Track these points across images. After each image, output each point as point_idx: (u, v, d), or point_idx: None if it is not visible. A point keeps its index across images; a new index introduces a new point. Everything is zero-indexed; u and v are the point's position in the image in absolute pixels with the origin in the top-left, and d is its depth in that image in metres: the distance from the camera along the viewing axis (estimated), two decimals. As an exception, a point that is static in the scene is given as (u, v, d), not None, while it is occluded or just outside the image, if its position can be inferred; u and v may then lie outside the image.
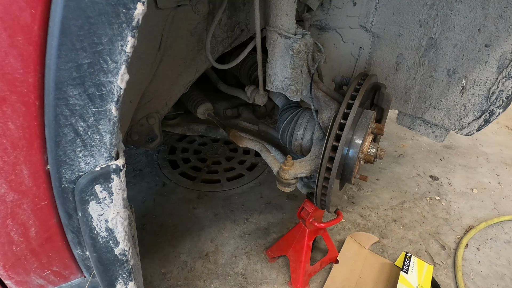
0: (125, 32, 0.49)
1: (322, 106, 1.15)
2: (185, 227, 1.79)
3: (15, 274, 0.71)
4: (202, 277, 1.55)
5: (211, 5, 1.04)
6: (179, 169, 2.17)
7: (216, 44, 1.14)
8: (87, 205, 0.62)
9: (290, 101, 1.30)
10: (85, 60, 0.49)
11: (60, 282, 0.80)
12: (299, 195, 1.98)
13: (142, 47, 0.83)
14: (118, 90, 0.54)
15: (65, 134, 0.55)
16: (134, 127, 1.17)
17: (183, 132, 1.54)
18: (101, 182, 0.61)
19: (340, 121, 1.04)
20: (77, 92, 0.51)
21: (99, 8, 0.46)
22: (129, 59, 0.52)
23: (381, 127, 1.18)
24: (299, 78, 1.12)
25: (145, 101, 1.13)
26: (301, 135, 1.22)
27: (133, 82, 0.61)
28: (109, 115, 0.56)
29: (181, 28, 1.03)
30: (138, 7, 0.47)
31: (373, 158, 1.12)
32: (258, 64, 1.16)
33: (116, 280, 0.75)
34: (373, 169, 2.18)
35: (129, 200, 0.72)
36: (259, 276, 1.55)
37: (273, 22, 1.03)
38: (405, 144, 2.48)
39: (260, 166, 2.19)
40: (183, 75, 1.14)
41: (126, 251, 0.72)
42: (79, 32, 0.47)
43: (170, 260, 1.61)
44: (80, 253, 0.74)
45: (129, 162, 2.23)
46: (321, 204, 1.18)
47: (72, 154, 0.57)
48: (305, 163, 1.18)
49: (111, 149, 0.60)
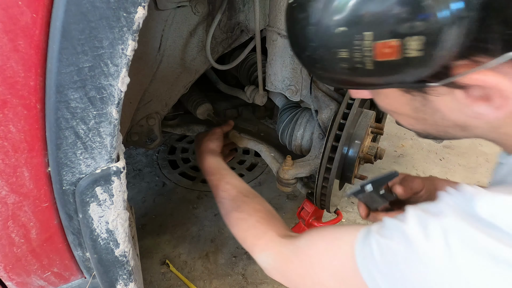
0: (126, 35, 0.49)
1: (322, 106, 1.15)
2: (185, 227, 1.79)
3: (16, 276, 0.71)
4: (202, 277, 1.55)
5: (210, 6, 1.04)
6: (179, 169, 2.17)
7: (216, 45, 1.14)
8: (88, 207, 0.63)
9: (289, 101, 1.30)
10: (86, 64, 0.49)
11: (60, 283, 0.80)
12: (299, 195, 1.98)
13: (141, 48, 0.84)
14: (119, 93, 0.54)
15: (66, 136, 0.55)
16: (134, 127, 1.17)
17: (183, 132, 1.53)
18: (102, 184, 0.62)
19: (340, 121, 1.04)
20: (78, 95, 0.52)
21: (100, 12, 0.46)
22: (129, 62, 0.52)
23: (381, 127, 1.18)
24: (299, 78, 1.12)
25: (145, 102, 1.13)
26: (301, 135, 1.23)
27: (133, 83, 0.61)
28: (110, 117, 0.56)
29: (180, 29, 1.03)
30: (139, 11, 0.48)
31: (373, 158, 1.12)
32: (258, 64, 1.17)
33: (116, 281, 0.75)
34: (373, 169, 2.18)
35: (129, 200, 0.72)
36: (259, 276, 1.55)
37: (273, 22, 1.03)
38: (405, 144, 2.48)
39: (260, 166, 2.19)
40: (182, 75, 1.14)
41: (126, 252, 0.73)
42: (80, 36, 0.47)
43: (170, 260, 1.61)
44: (81, 255, 0.75)
45: (129, 162, 2.23)
46: (321, 204, 1.18)
47: (73, 156, 0.58)
48: (304, 163, 1.18)
49: (112, 151, 0.60)
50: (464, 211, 0.44)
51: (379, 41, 0.40)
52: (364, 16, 0.40)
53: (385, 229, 0.52)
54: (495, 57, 0.40)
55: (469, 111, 0.48)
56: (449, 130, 0.56)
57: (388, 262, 0.49)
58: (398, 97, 0.53)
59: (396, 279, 0.48)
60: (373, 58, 0.42)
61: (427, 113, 0.53)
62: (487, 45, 0.40)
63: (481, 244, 0.41)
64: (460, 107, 0.48)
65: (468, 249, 0.41)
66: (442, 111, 0.51)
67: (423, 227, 0.46)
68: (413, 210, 0.50)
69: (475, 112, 0.47)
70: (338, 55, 0.44)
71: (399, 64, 0.42)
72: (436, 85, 0.45)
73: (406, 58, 0.41)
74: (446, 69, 0.44)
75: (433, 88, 0.47)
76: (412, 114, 0.56)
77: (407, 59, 0.41)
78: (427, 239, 0.45)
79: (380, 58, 0.42)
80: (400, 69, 0.43)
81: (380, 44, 0.41)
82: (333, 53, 0.44)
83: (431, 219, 0.46)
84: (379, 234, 0.52)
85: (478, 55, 0.41)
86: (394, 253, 0.48)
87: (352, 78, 0.48)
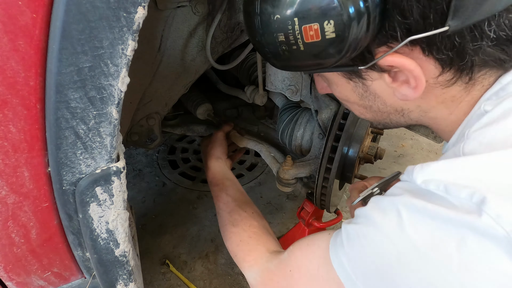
0: (126, 35, 0.49)
1: (322, 106, 1.15)
2: (185, 227, 1.79)
3: (16, 276, 0.71)
4: (202, 277, 1.55)
5: (210, 6, 1.04)
6: (179, 169, 2.17)
7: (216, 45, 1.14)
8: (88, 207, 0.63)
9: (289, 101, 1.30)
10: (86, 64, 0.49)
11: (60, 283, 0.80)
12: (299, 195, 1.98)
13: (141, 48, 0.84)
14: (119, 93, 0.54)
15: (66, 136, 0.55)
16: (134, 127, 1.17)
17: (183, 132, 1.53)
18: (102, 184, 0.62)
19: (340, 121, 1.04)
20: (78, 95, 0.52)
21: (100, 12, 0.46)
22: (129, 62, 0.52)
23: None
24: (299, 78, 1.12)
25: (145, 102, 1.13)
26: (301, 135, 1.23)
27: (133, 83, 0.61)
28: (110, 117, 0.56)
29: (180, 29, 1.03)
30: (139, 11, 0.47)
31: (373, 158, 1.12)
32: (258, 64, 1.16)
33: (116, 281, 0.75)
34: (373, 169, 2.18)
35: (129, 200, 0.72)
36: (259, 276, 1.55)
37: (273, 23, 1.03)
38: (405, 144, 2.48)
39: (260, 166, 2.19)
40: (182, 76, 1.14)
41: (126, 252, 0.73)
42: (80, 36, 0.47)
43: (170, 260, 1.61)
44: (81, 255, 0.75)
45: (129, 162, 2.23)
46: (321, 204, 1.18)
47: (73, 156, 0.58)
48: (304, 163, 1.18)
49: (112, 151, 0.60)
50: (408, 186, 0.51)
51: (305, 25, 0.49)
52: (293, 5, 0.48)
53: (355, 218, 0.57)
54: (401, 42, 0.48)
55: (398, 94, 0.56)
56: (391, 116, 0.65)
57: (352, 244, 0.55)
58: (344, 84, 0.63)
59: (360, 260, 0.53)
60: (304, 40, 0.50)
61: (370, 99, 0.62)
62: (394, 33, 0.49)
63: (422, 209, 0.47)
64: (392, 91, 0.57)
65: (413, 215, 0.47)
66: (380, 96, 0.60)
67: (381, 207, 0.53)
68: (375, 197, 0.57)
69: (402, 95, 0.56)
70: (278, 38, 0.52)
71: (323, 45, 0.50)
72: (363, 68, 0.54)
73: (326, 39, 0.49)
74: (370, 54, 0.53)
75: (367, 73, 0.57)
76: (359, 101, 0.64)
77: (328, 40, 0.49)
78: (384, 216, 0.51)
79: (308, 40, 0.50)
80: (326, 50, 0.51)
81: (306, 27, 0.49)
82: (274, 37, 0.52)
83: (385, 199, 0.53)
84: (349, 223, 0.57)
85: (390, 41, 0.50)
86: (357, 234, 0.54)
87: (294, 62, 0.56)
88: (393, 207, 0.50)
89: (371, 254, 0.52)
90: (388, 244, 0.49)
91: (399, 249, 0.48)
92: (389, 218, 0.50)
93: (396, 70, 0.54)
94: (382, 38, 0.51)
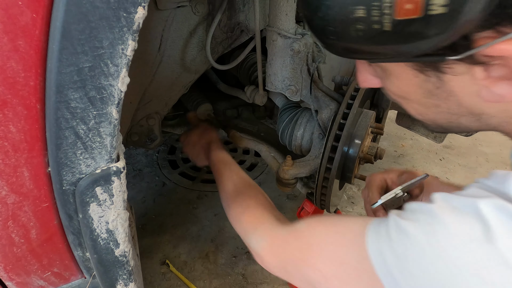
0: (126, 36, 0.49)
1: (322, 106, 1.15)
2: (185, 227, 1.79)
3: (16, 276, 0.71)
4: (202, 277, 1.55)
5: (210, 6, 1.04)
6: (178, 169, 2.17)
7: (216, 45, 1.14)
8: (88, 207, 0.63)
9: (289, 101, 1.30)
10: (86, 64, 0.49)
11: (60, 283, 0.80)
12: (299, 195, 1.98)
13: (141, 48, 0.84)
14: (119, 93, 0.54)
15: (66, 136, 0.55)
16: (134, 127, 1.17)
17: (182, 132, 1.54)
18: (102, 184, 0.62)
19: (340, 121, 1.04)
20: (78, 95, 0.52)
21: (100, 12, 0.46)
22: (129, 62, 0.52)
23: (381, 127, 1.18)
24: (299, 78, 1.12)
25: (145, 102, 1.13)
26: (301, 135, 1.23)
27: (133, 83, 0.61)
28: (110, 117, 0.56)
29: (181, 29, 1.03)
30: (139, 11, 0.48)
31: (373, 158, 1.12)
32: (258, 64, 1.16)
33: (116, 281, 0.75)
34: (373, 169, 2.18)
35: (129, 200, 0.72)
36: (259, 276, 1.55)
37: (273, 22, 1.03)
38: (405, 144, 2.48)
39: (260, 166, 2.19)
40: (183, 76, 1.14)
41: (126, 252, 0.73)
42: (80, 36, 0.47)
43: (170, 260, 1.61)
44: (81, 255, 0.75)
45: (129, 162, 2.23)
46: (321, 204, 1.18)
47: (73, 156, 0.58)
48: (304, 163, 1.18)
49: (112, 152, 0.60)
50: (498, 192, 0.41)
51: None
52: None
53: (408, 212, 0.48)
54: None
55: (488, 94, 0.44)
56: (462, 120, 0.51)
57: (405, 242, 0.44)
58: (411, 78, 0.49)
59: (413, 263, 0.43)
60: (392, 17, 0.38)
61: (440, 98, 0.49)
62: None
63: None
64: (478, 90, 0.44)
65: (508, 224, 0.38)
66: (458, 95, 0.47)
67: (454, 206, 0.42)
68: (440, 195, 0.46)
69: (495, 95, 0.43)
70: (354, 14, 0.40)
71: (420, 25, 0.38)
72: (455, 59, 0.41)
73: (428, 17, 0.37)
74: (467, 41, 0.40)
75: (450, 66, 0.44)
76: (423, 100, 0.51)
77: (430, 17, 0.37)
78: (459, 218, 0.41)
79: (401, 17, 0.38)
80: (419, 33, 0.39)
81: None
82: (348, 12, 0.40)
83: (459, 198, 0.43)
84: (400, 216, 0.47)
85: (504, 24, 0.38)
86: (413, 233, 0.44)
87: (366, 46, 0.44)
88: (474, 210, 0.40)
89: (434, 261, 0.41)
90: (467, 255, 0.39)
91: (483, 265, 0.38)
92: (468, 222, 0.40)
93: (497, 63, 0.41)
94: (492, 19, 0.37)
